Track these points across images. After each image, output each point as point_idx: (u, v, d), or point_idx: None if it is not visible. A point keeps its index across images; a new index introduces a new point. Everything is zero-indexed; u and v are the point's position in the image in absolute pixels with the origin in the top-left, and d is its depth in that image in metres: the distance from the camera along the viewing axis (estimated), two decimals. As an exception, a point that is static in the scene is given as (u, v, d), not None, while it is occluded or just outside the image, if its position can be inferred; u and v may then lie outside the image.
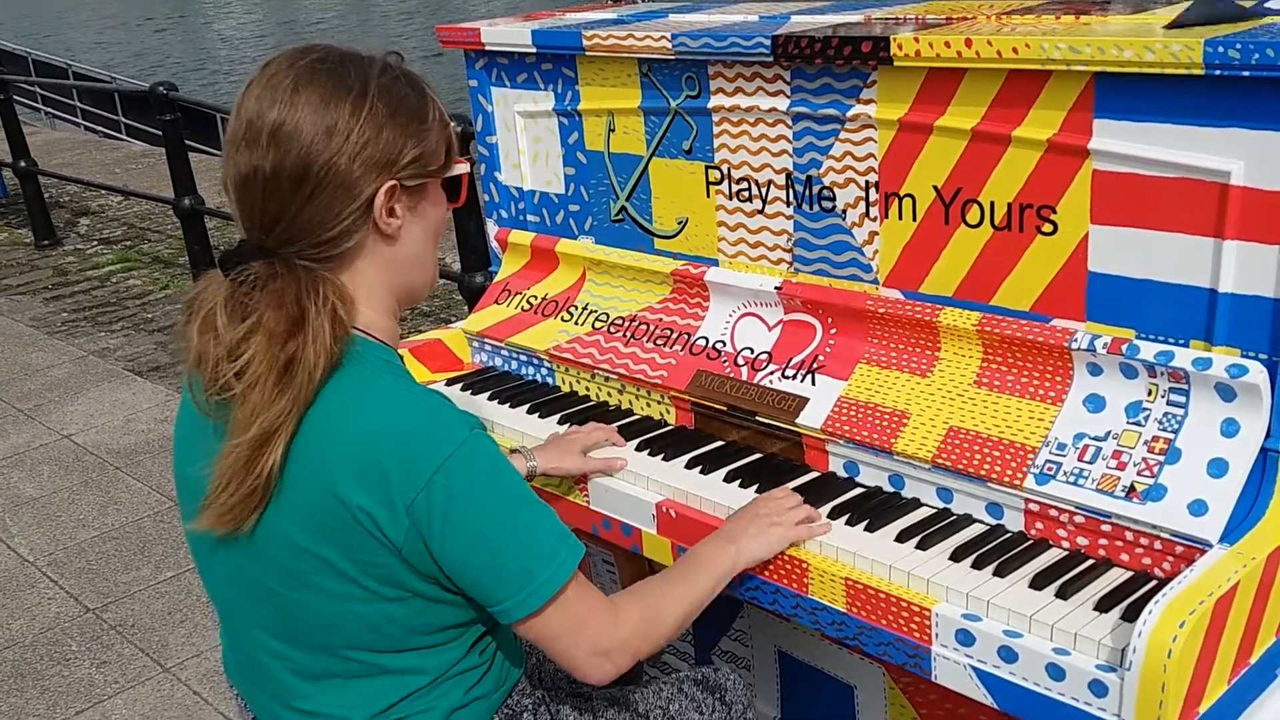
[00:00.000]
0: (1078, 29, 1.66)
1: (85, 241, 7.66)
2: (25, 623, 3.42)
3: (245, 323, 1.37)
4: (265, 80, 1.40)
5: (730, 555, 1.65)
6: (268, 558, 1.43)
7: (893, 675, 2.04)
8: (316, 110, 1.37)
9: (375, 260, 1.46)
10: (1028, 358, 1.72)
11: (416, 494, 1.35)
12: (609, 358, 2.19)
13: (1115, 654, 1.40)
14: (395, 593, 1.41)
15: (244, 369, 1.35)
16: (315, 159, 1.37)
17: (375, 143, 1.39)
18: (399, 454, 1.36)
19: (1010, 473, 1.65)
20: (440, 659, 1.48)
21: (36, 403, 5.02)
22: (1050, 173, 1.67)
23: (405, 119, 1.43)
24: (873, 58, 1.77)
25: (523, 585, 1.40)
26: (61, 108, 14.45)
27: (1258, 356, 1.53)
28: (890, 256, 1.89)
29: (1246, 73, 1.43)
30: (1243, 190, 1.50)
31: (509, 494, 1.41)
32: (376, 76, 1.42)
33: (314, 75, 1.39)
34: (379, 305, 1.48)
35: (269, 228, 1.39)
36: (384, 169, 1.41)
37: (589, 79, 2.25)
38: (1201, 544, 1.48)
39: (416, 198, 1.47)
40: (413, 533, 1.37)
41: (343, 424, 1.38)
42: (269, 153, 1.37)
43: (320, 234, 1.39)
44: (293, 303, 1.37)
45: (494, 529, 1.39)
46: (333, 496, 1.37)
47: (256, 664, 1.53)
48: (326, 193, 1.38)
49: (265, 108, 1.38)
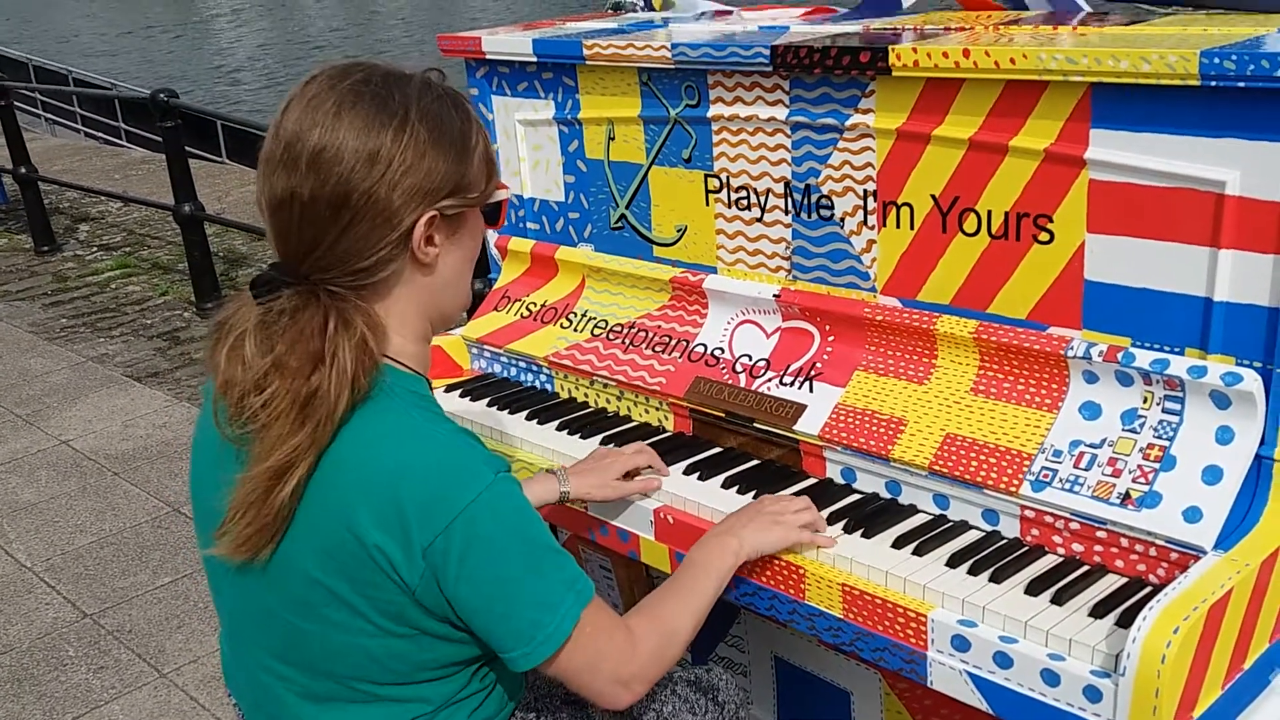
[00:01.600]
0: (1074, 40, 1.67)
1: (85, 247, 7.67)
2: (23, 628, 3.42)
3: (270, 355, 1.34)
4: (307, 100, 1.36)
5: (732, 550, 1.64)
6: (280, 587, 1.42)
7: (889, 681, 2.05)
8: (359, 136, 1.34)
9: (410, 289, 1.43)
10: (1024, 365, 1.73)
11: (435, 537, 1.34)
12: (608, 364, 2.20)
13: (1110, 660, 1.41)
14: (404, 630, 1.40)
15: (269, 401, 1.33)
16: (356, 187, 1.33)
17: (417, 171, 1.36)
18: (420, 496, 1.34)
19: (1006, 479, 1.66)
20: (444, 689, 1.48)
21: (35, 408, 5.02)
22: (1047, 182, 1.68)
23: (448, 146, 1.39)
24: (871, 68, 1.79)
25: (532, 636, 1.39)
26: (62, 114, 14.46)
27: (1252, 365, 1.55)
28: (888, 265, 1.91)
29: (1242, 83, 1.44)
30: (1238, 200, 1.51)
31: (527, 540, 1.39)
32: (419, 99, 1.38)
33: (358, 98, 1.35)
34: (411, 332, 1.45)
35: (304, 254, 1.36)
36: (425, 199, 1.37)
37: (589, 88, 2.26)
38: (1196, 550, 1.49)
39: (455, 226, 1.44)
40: (428, 575, 1.35)
41: (365, 460, 1.36)
42: (308, 177, 1.33)
43: (356, 263, 1.37)
44: (317, 336, 1.34)
45: (509, 576, 1.37)
46: (349, 533, 1.35)
47: (259, 683, 1.52)
48: (365, 222, 1.35)
49: (306, 129, 1.34)
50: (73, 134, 13.85)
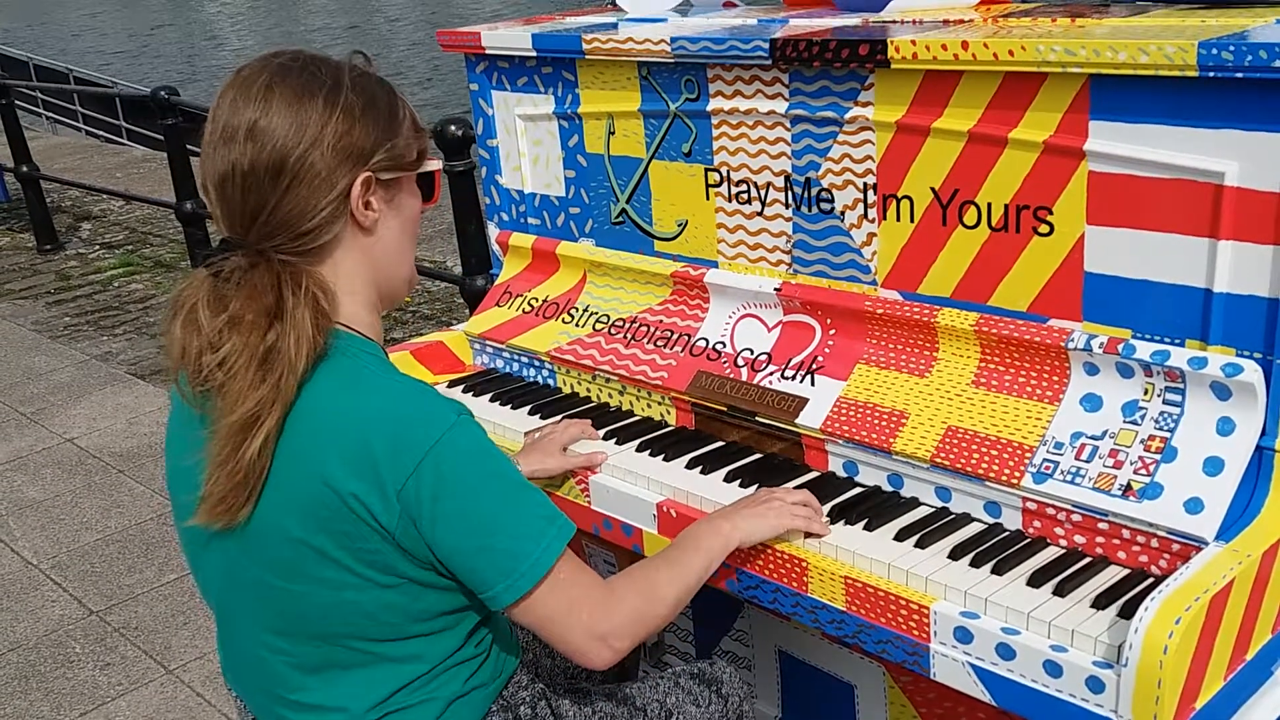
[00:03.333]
0: (1073, 31, 1.67)
1: (87, 246, 7.68)
2: (29, 625, 3.43)
3: (224, 314, 1.40)
4: (239, 84, 1.44)
5: (724, 533, 1.66)
6: (263, 551, 1.44)
7: (892, 674, 2.05)
8: (291, 105, 1.41)
9: (354, 253, 1.49)
10: (1025, 358, 1.73)
11: (407, 478, 1.38)
12: (609, 359, 2.20)
13: (1112, 650, 1.41)
14: (390, 579, 1.43)
15: (225, 359, 1.38)
16: (291, 151, 1.40)
17: (349, 135, 1.43)
18: (388, 440, 1.38)
19: (1008, 472, 1.66)
20: (438, 647, 1.50)
21: (39, 406, 5.04)
22: (1046, 174, 1.68)
23: (377, 114, 1.47)
24: (870, 60, 1.79)
25: (512, 568, 1.42)
26: (63, 112, 14.47)
27: (1253, 356, 1.55)
28: (888, 258, 1.91)
29: (1240, 74, 1.44)
30: (1237, 191, 1.51)
31: (497, 476, 1.43)
32: (347, 73, 1.47)
33: (286, 74, 1.44)
34: (360, 299, 1.51)
35: (249, 223, 1.42)
36: (358, 160, 1.45)
37: (589, 82, 2.26)
38: (1197, 541, 1.50)
39: (392, 191, 1.51)
40: (404, 517, 1.39)
41: (331, 413, 1.40)
42: (246, 148, 1.40)
43: (299, 226, 1.43)
44: (270, 292, 1.39)
45: (483, 511, 1.41)
46: (324, 485, 1.39)
47: (254, 661, 1.54)
48: (304, 184, 1.41)
49: (240, 107, 1.42)
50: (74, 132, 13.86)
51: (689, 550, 1.62)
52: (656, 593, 1.53)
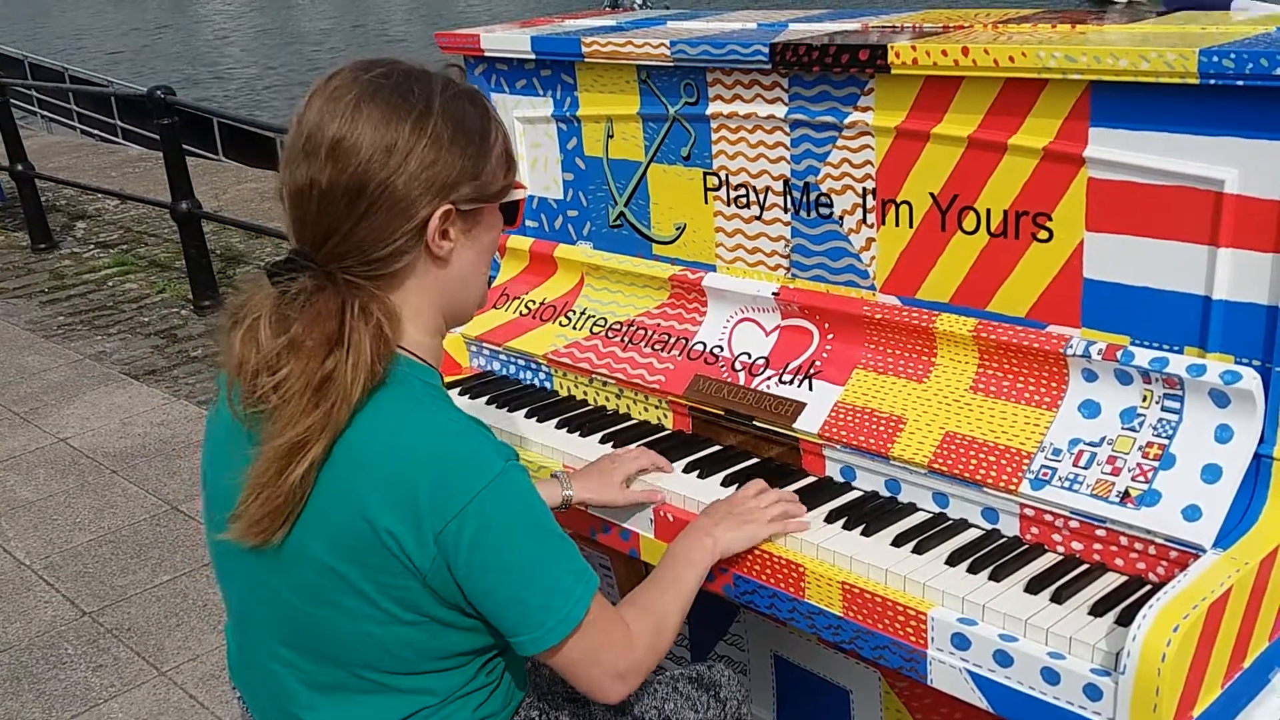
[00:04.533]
0: (1073, 38, 1.67)
1: (82, 245, 7.66)
2: (21, 626, 3.42)
3: (286, 335, 1.36)
4: (329, 93, 1.39)
5: (708, 548, 1.68)
6: (291, 572, 1.43)
7: (889, 679, 2.05)
8: (378, 128, 1.36)
9: (425, 281, 1.44)
10: (1023, 364, 1.73)
11: (447, 523, 1.35)
12: (607, 362, 2.20)
13: (1110, 658, 1.41)
14: (412, 617, 1.42)
15: (281, 383, 1.35)
16: (372, 177, 1.35)
17: (434, 165, 1.38)
18: (433, 481, 1.35)
19: (1006, 478, 1.66)
20: (450, 681, 1.49)
21: (33, 406, 5.02)
22: (1046, 180, 1.68)
23: (466, 142, 1.41)
24: (870, 66, 1.79)
25: (543, 621, 1.41)
26: (58, 111, 14.44)
27: (1251, 363, 1.55)
28: (887, 263, 1.91)
29: (1240, 82, 1.44)
30: (1237, 198, 1.51)
31: (537, 529, 1.42)
32: (438, 94, 1.41)
33: (378, 91, 1.38)
34: (426, 325, 1.47)
35: (320, 242, 1.38)
36: (441, 192, 1.39)
37: (588, 85, 2.26)
38: (1195, 549, 1.50)
39: (471, 222, 1.46)
40: (439, 560, 1.37)
41: (378, 445, 1.37)
42: (326, 166, 1.36)
43: (371, 253, 1.38)
44: (333, 318, 1.36)
45: (520, 564, 1.39)
46: (361, 518, 1.36)
47: (265, 671, 1.53)
48: (381, 212, 1.37)
49: (326, 121, 1.37)
50: (69, 131, 13.83)
51: (683, 570, 1.65)
52: (665, 623, 1.56)
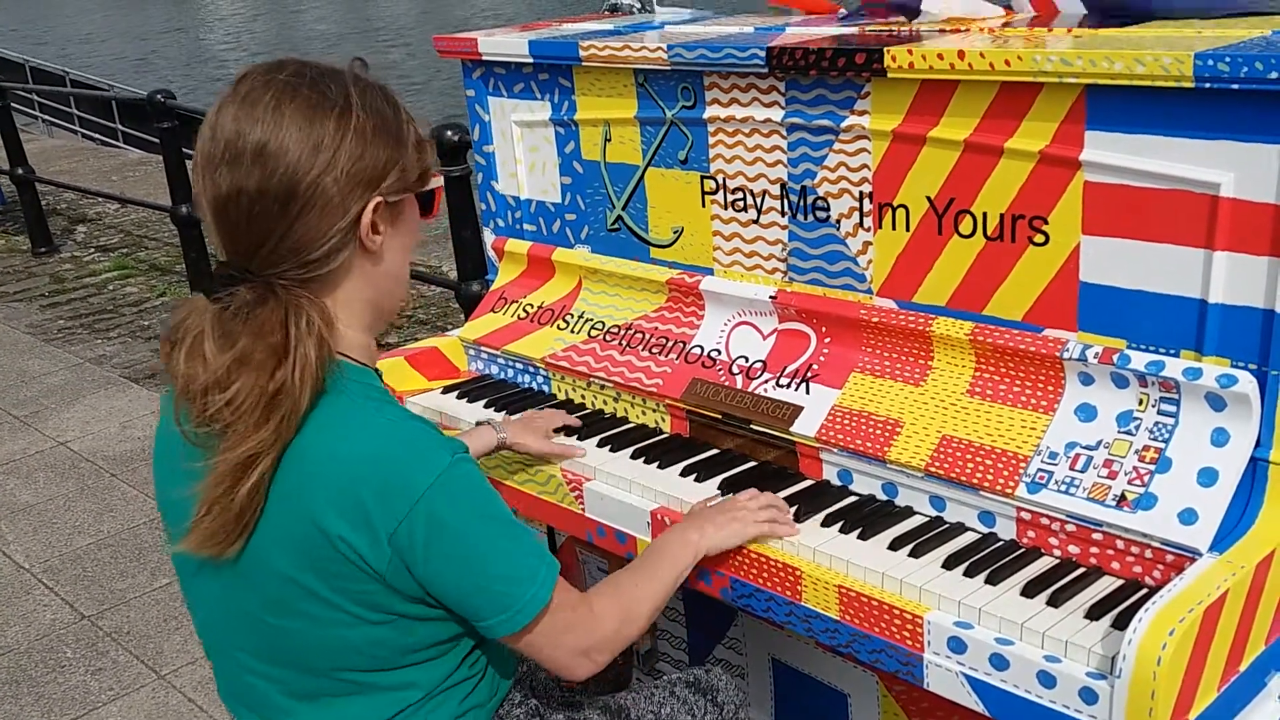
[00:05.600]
0: (1070, 42, 1.67)
1: (82, 249, 7.67)
2: (20, 629, 3.42)
3: (232, 351, 1.34)
4: (241, 99, 1.36)
5: (692, 545, 1.69)
6: (253, 585, 1.43)
7: (886, 683, 2.05)
8: (301, 127, 1.34)
9: (358, 279, 1.44)
10: (1020, 367, 1.73)
11: (398, 524, 1.35)
12: (604, 366, 2.20)
13: (1106, 661, 1.41)
14: (380, 616, 1.42)
15: (233, 399, 1.33)
16: (303, 178, 1.34)
17: (362, 159, 1.37)
18: (379, 485, 1.35)
19: (1002, 481, 1.66)
20: (432, 673, 1.49)
21: (33, 410, 5.02)
22: (1042, 184, 1.68)
23: (386, 133, 1.41)
24: (866, 69, 1.79)
25: (508, 605, 1.42)
26: (59, 115, 14.45)
27: (1247, 366, 1.55)
28: (884, 266, 1.91)
29: (1236, 85, 1.44)
30: (1233, 202, 1.51)
31: (491, 519, 1.42)
32: (354, 88, 1.40)
33: (295, 92, 1.36)
34: (358, 324, 1.47)
35: (253, 250, 1.36)
36: (370, 186, 1.39)
37: (585, 89, 2.26)
38: (1191, 552, 1.49)
39: (396, 213, 1.45)
40: (396, 561, 1.37)
41: (323, 453, 1.37)
42: (253, 172, 1.34)
43: (307, 254, 1.37)
44: (279, 330, 1.34)
45: (477, 554, 1.40)
46: (314, 526, 1.36)
47: (245, 686, 1.53)
48: (314, 212, 1.35)
49: (246, 127, 1.34)
50: (70, 135, 13.84)
51: (662, 564, 1.65)
52: (634, 609, 1.57)
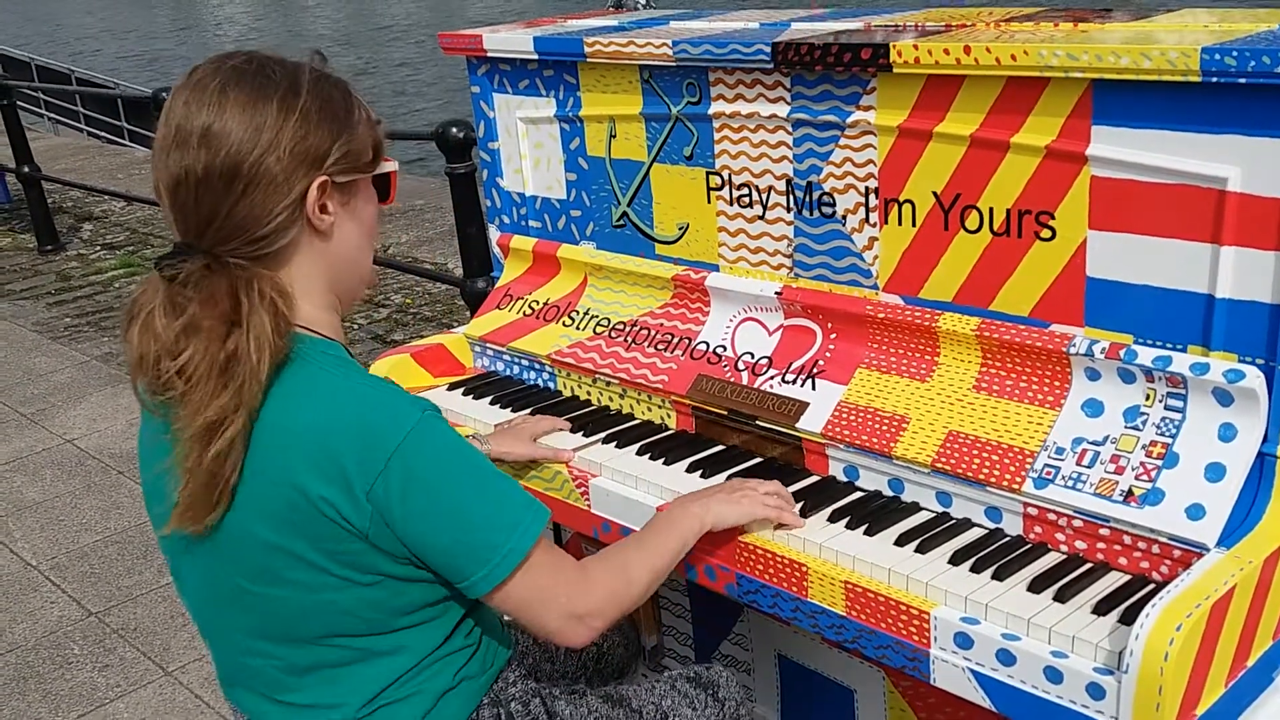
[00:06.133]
0: (1076, 36, 1.67)
1: (88, 247, 7.68)
2: (28, 626, 3.43)
3: (180, 319, 1.38)
4: (192, 85, 1.43)
5: (697, 517, 1.68)
6: (238, 558, 1.45)
7: (892, 679, 2.05)
8: (245, 109, 1.40)
9: (310, 256, 1.48)
10: (1026, 362, 1.73)
11: (374, 480, 1.38)
12: (610, 362, 2.20)
13: (1113, 657, 1.40)
14: (369, 578, 1.44)
15: (184, 367, 1.37)
16: (246, 156, 1.39)
17: (305, 139, 1.42)
18: (354, 443, 1.38)
19: (1009, 477, 1.66)
20: (424, 638, 1.50)
21: (39, 407, 5.03)
22: (1049, 179, 1.68)
23: (332, 116, 1.46)
24: (872, 65, 1.78)
25: (488, 558, 1.43)
26: (65, 113, 14.48)
27: (1255, 361, 1.54)
28: (890, 262, 1.90)
29: (1243, 79, 1.44)
30: (1239, 196, 1.51)
31: (466, 470, 1.44)
32: (302, 74, 1.46)
33: (240, 77, 1.42)
34: (319, 300, 1.50)
35: (203, 228, 1.42)
36: (314, 164, 1.43)
37: (590, 85, 2.26)
38: (1199, 548, 1.49)
39: (348, 195, 1.50)
40: (376, 518, 1.39)
41: (295, 418, 1.40)
42: (200, 153, 1.39)
43: (254, 231, 1.42)
44: (227, 298, 1.38)
45: (453, 506, 1.41)
46: (294, 489, 1.39)
47: (243, 667, 1.54)
48: (259, 190, 1.40)
49: (194, 111, 1.40)
50: (75, 133, 13.86)
51: (663, 533, 1.65)
52: (630, 574, 1.56)
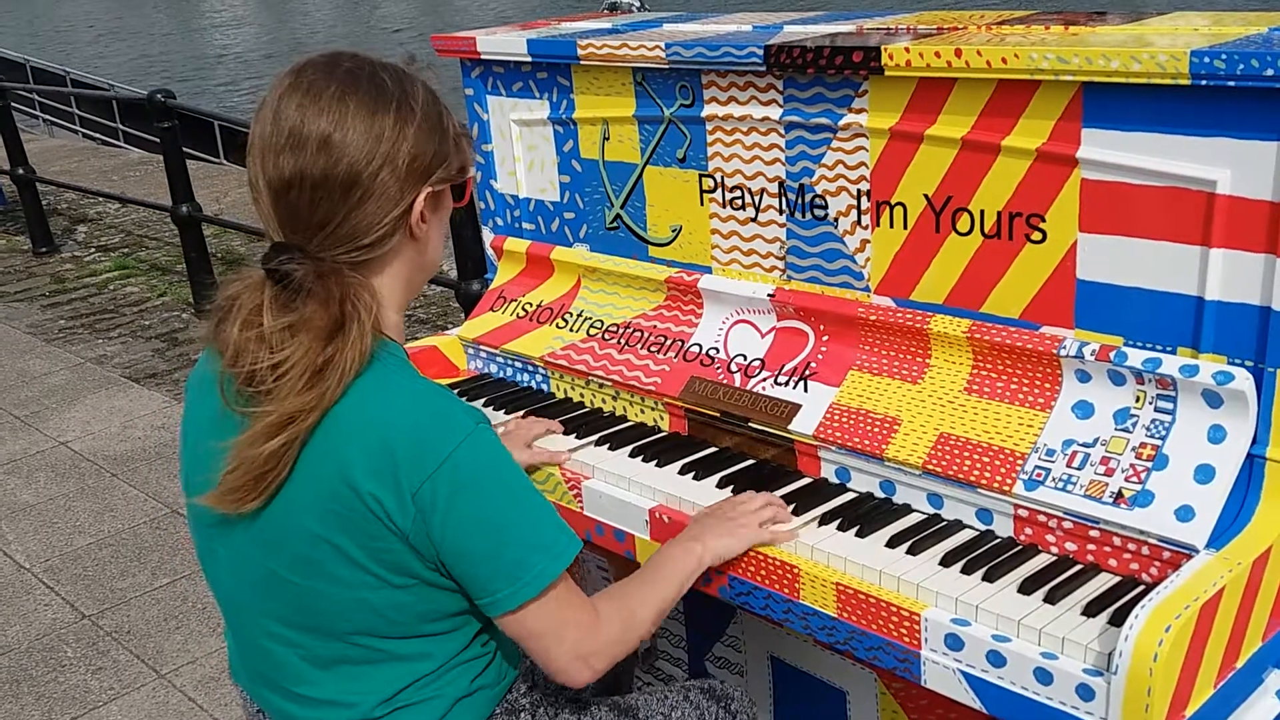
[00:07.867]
0: (1066, 39, 1.67)
1: (83, 249, 7.67)
2: (21, 629, 3.42)
3: (288, 317, 1.40)
4: (306, 89, 1.43)
5: (696, 555, 1.69)
6: (281, 547, 1.46)
7: (885, 680, 2.05)
8: (364, 119, 1.42)
9: (404, 261, 1.53)
10: (1017, 365, 1.73)
11: (423, 482, 1.40)
12: (603, 364, 2.20)
13: (1102, 658, 1.41)
14: (403, 580, 1.45)
15: (281, 363, 1.39)
16: (365, 167, 1.42)
17: (419, 153, 1.46)
18: (408, 444, 1.41)
19: (1000, 479, 1.66)
20: (446, 646, 1.52)
21: (34, 410, 5.03)
22: (1039, 181, 1.68)
23: (440, 129, 1.50)
24: (864, 67, 1.79)
25: (518, 575, 1.44)
26: (59, 115, 14.46)
27: (1244, 363, 1.55)
28: (881, 264, 1.91)
29: (1232, 83, 1.45)
30: (1229, 199, 1.52)
31: (510, 486, 1.46)
32: (410, 86, 1.48)
33: (356, 84, 1.44)
34: (395, 303, 1.55)
35: (314, 232, 1.43)
36: (423, 177, 1.48)
37: (584, 88, 2.27)
38: (1188, 549, 1.50)
39: (437, 202, 1.54)
40: (419, 520, 1.41)
41: (359, 417, 1.42)
42: (318, 159, 1.41)
43: (362, 239, 1.45)
44: (338, 304, 1.41)
45: (494, 518, 1.43)
46: (345, 485, 1.41)
47: (265, 654, 1.55)
48: (373, 200, 1.43)
49: (310, 116, 1.42)
50: (70, 135, 13.85)
51: (666, 575, 1.66)
52: (636, 617, 1.58)
